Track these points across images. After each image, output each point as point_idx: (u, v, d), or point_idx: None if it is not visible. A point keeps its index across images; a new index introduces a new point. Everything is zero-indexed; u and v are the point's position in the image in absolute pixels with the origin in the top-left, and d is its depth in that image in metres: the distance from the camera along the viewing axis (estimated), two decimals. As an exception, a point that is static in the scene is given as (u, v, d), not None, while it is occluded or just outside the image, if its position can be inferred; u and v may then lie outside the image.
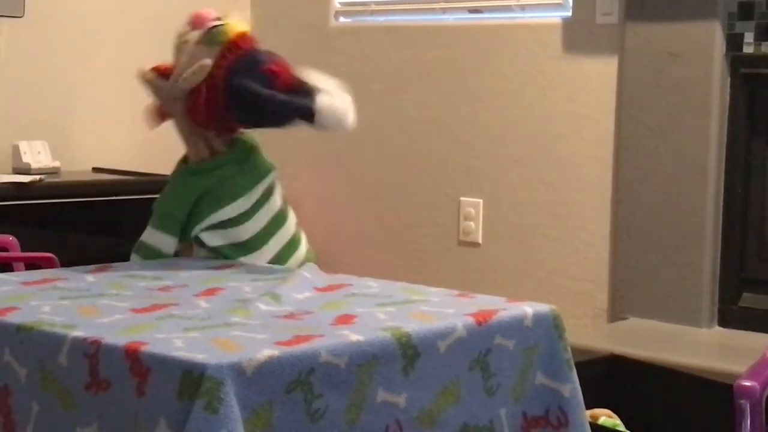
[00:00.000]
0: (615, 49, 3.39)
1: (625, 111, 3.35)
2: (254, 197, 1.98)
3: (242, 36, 1.97)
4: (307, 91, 1.93)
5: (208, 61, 1.94)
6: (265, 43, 2.07)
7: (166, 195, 2.01)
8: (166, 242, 1.97)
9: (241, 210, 1.96)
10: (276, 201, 2.02)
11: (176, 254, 2.00)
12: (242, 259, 1.97)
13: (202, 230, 1.98)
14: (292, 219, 2.06)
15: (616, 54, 3.39)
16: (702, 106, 3.20)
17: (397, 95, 3.89)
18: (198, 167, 1.99)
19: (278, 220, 2.01)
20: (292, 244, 2.02)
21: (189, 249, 2.02)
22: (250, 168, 1.98)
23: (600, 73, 3.43)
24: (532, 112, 3.58)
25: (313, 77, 1.98)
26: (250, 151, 2.01)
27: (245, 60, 1.95)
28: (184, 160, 2.04)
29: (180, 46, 1.99)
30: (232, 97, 1.94)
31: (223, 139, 2.01)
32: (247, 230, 1.97)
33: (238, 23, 2.00)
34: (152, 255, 1.97)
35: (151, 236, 1.97)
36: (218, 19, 2.00)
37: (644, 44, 3.30)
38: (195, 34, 1.98)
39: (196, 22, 1.99)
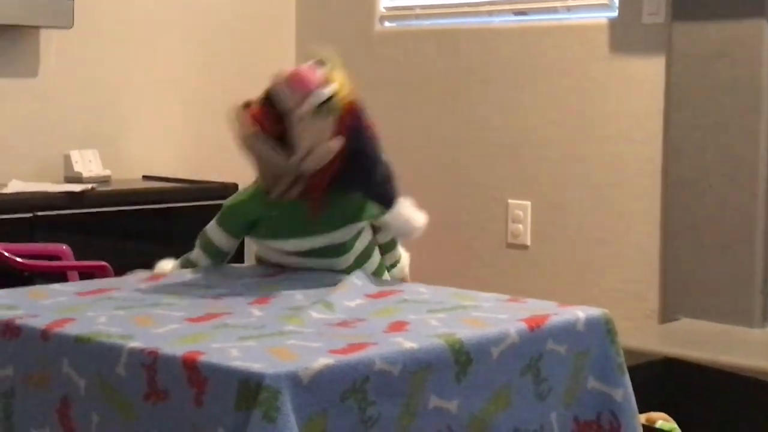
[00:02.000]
0: (662, 49, 3.37)
1: (673, 111, 3.33)
2: (308, 245, 1.92)
3: (352, 102, 1.88)
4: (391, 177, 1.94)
5: (338, 143, 1.85)
6: (311, 50, 2.04)
7: (236, 198, 1.98)
8: (224, 240, 1.98)
9: (291, 249, 1.93)
10: (347, 258, 1.93)
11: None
12: None
13: (256, 241, 1.99)
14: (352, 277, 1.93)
15: (663, 54, 3.37)
16: (751, 106, 3.18)
17: (444, 98, 3.89)
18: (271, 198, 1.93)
19: (345, 271, 1.93)
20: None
21: None
22: (322, 217, 1.91)
23: (647, 73, 3.42)
24: (580, 114, 3.57)
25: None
26: (337, 201, 1.91)
27: (357, 125, 1.88)
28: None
29: (293, 120, 1.84)
30: (348, 163, 1.87)
31: None
32: (295, 265, 1.96)
33: (344, 86, 1.87)
34: (209, 247, 1.99)
35: (213, 230, 1.98)
36: (323, 82, 1.86)
37: (691, 44, 3.28)
38: (307, 106, 1.83)
39: (298, 86, 1.85)
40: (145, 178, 3.79)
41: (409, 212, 1.95)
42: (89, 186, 3.41)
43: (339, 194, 1.91)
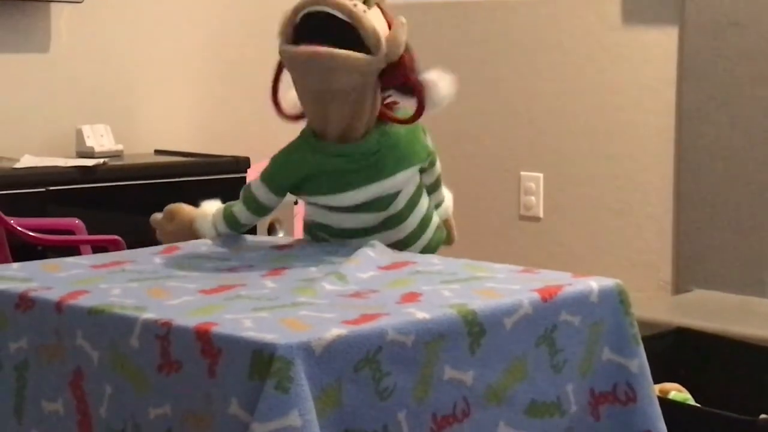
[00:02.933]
0: (675, 18, 3.35)
1: (687, 81, 3.32)
2: (362, 197, 1.87)
3: None
4: None
5: (402, 19, 1.85)
6: None
7: (281, 156, 1.92)
8: (268, 196, 1.94)
9: (344, 203, 1.89)
10: (396, 204, 1.90)
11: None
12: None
13: (306, 202, 1.96)
14: (413, 220, 1.93)
15: (676, 24, 3.35)
16: (764, 75, 3.17)
17: (455, 71, 3.87)
18: (323, 146, 1.87)
19: (388, 222, 1.91)
20: (400, 244, 1.93)
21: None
22: (374, 165, 1.86)
23: (660, 43, 3.40)
24: (592, 85, 3.56)
25: None
26: (387, 146, 1.88)
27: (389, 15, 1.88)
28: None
29: (359, 17, 1.78)
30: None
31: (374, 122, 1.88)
32: (346, 222, 1.92)
33: None
34: (251, 202, 1.94)
35: (257, 186, 1.94)
36: None
37: (704, 13, 3.26)
38: (360, 4, 1.80)
39: None
40: (157, 152, 3.79)
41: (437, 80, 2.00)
42: (101, 161, 3.41)
43: (387, 140, 1.88)
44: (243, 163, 3.55)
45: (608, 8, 3.51)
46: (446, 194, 2.10)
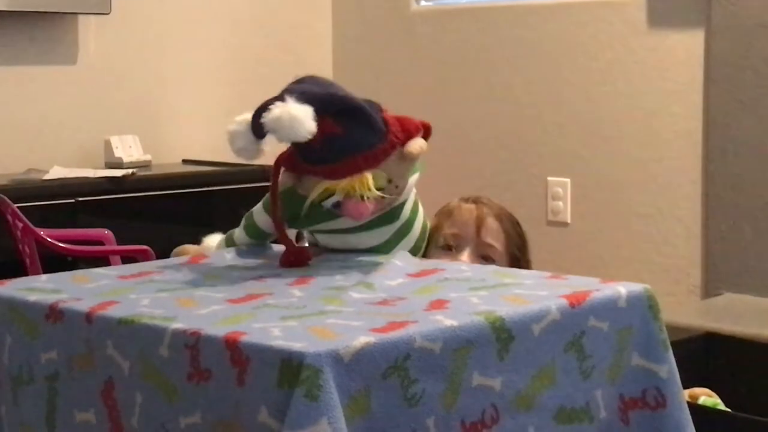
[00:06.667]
0: (701, 22, 3.34)
1: (713, 84, 3.30)
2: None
3: None
4: None
5: None
6: (348, 31, 2.02)
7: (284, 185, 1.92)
8: (270, 225, 1.93)
9: (359, 221, 1.84)
10: (404, 211, 1.86)
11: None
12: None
13: (316, 232, 1.95)
14: (418, 224, 1.90)
15: (702, 27, 3.34)
16: (792, 77, 3.15)
17: (482, 77, 3.88)
18: None
19: (403, 229, 1.87)
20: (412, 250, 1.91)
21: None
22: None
23: (686, 47, 3.39)
24: (619, 90, 3.55)
25: None
26: None
27: None
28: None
29: None
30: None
31: None
32: (365, 241, 1.88)
33: None
34: (254, 232, 1.94)
35: (259, 214, 1.95)
36: None
37: (731, 16, 3.24)
38: None
39: None
40: (185, 162, 3.81)
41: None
42: (130, 171, 3.44)
43: None
44: (269, 172, 3.55)
45: (634, 12, 3.50)
46: None
